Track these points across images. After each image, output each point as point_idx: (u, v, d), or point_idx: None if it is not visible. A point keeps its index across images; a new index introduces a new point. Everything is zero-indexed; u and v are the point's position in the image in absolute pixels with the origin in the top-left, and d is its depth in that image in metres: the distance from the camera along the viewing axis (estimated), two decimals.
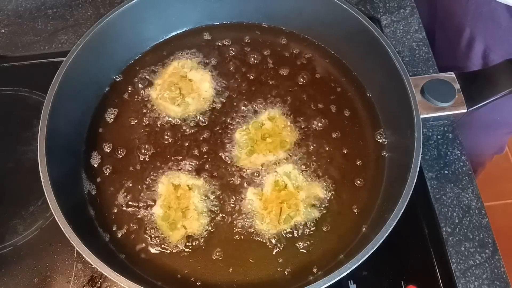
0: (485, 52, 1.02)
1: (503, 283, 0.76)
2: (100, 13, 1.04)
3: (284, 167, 0.79)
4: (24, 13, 1.05)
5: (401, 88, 0.75)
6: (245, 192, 0.79)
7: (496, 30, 0.97)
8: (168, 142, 0.84)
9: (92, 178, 0.81)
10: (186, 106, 0.85)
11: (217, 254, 0.75)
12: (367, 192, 0.79)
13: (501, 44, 0.99)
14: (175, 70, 0.88)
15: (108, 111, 0.86)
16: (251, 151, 0.81)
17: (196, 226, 0.75)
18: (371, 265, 0.69)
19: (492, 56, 1.01)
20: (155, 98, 0.86)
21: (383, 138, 0.83)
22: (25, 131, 0.88)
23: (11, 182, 0.86)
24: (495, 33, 0.98)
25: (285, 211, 0.75)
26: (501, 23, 0.95)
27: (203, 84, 0.87)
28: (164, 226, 0.75)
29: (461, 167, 0.86)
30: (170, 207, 0.76)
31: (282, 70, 0.90)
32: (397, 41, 0.99)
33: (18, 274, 0.77)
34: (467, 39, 1.03)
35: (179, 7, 0.90)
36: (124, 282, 0.63)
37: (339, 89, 0.88)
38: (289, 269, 0.73)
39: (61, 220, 0.66)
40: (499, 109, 1.04)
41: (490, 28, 0.98)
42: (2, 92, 0.93)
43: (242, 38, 0.93)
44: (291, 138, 0.82)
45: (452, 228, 0.80)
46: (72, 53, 0.79)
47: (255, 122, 0.83)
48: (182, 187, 0.77)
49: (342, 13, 0.83)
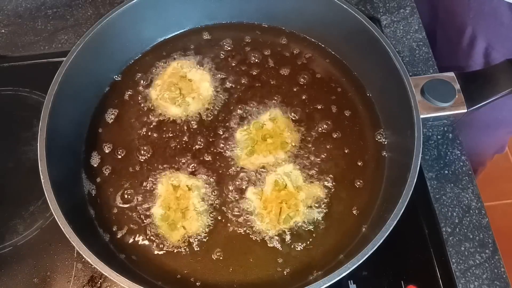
0: (486, 50, 1.02)
1: (503, 283, 0.76)
2: (100, 13, 1.04)
3: (284, 167, 0.79)
4: (24, 13, 1.05)
5: (401, 88, 0.75)
6: (245, 192, 0.79)
7: (498, 28, 0.97)
8: (168, 142, 0.84)
9: (92, 178, 0.81)
10: (186, 106, 0.85)
11: (217, 254, 0.75)
12: (367, 192, 0.79)
13: (503, 42, 0.99)
14: (175, 70, 0.88)
15: (108, 111, 0.86)
16: (252, 151, 0.81)
17: (195, 226, 0.75)
18: (371, 265, 0.69)
19: (494, 54, 1.01)
20: (155, 98, 0.86)
21: (383, 138, 0.83)
22: (25, 131, 0.88)
23: (11, 182, 0.86)
24: (497, 31, 0.98)
25: (285, 211, 0.75)
26: (503, 21, 0.95)
27: (203, 84, 0.87)
28: (163, 227, 0.75)
29: (461, 167, 0.86)
30: (169, 207, 0.76)
31: (282, 70, 0.90)
32: (397, 41, 0.99)
33: (18, 274, 0.77)
34: (468, 38, 1.03)
35: (179, 7, 0.90)
36: (124, 282, 0.63)
37: (339, 89, 0.88)
38: (289, 269, 0.73)
39: (61, 220, 0.66)
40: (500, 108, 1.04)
41: (492, 26, 0.98)
42: (2, 92, 0.93)
43: (242, 38, 0.93)
44: (292, 139, 0.82)
45: (452, 228, 0.80)
46: (72, 53, 0.79)
47: (256, 123, 0.83)
48: (182, 187, 0.77)
49: (342, 13, 0.83)
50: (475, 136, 1.19)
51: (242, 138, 0.82)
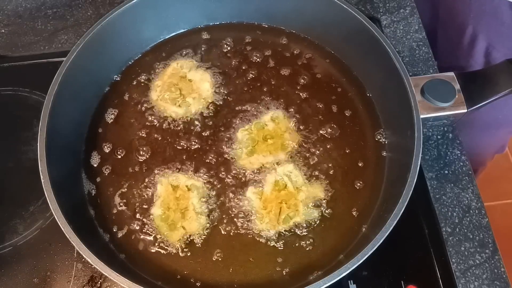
0: (487, 49, 1.02)
1: (503, 283, 0.76)
2: (100, 13, 1.04)
3: (284, 167, 0.79)
4: (24, 13, 1.05)
5: (401, 88, 0.75)
6: (245, 192, 0.79)
7: (499, 27, 0.97)
8: (167, 143, 0.83)
9: (92, 178, 0.81)
10: (187, 106, 0.85)
11: (217, 255, 0.74)
12: (367, 192, 0.79)
13: (503, 41, 0.99)
14: (174, 71, 0.88)
15: (108, 111, 0.86)
16: (252, 151, 0.80)
17: (195, 226, 0.75)
18: (371, 265, 0.69)
19: (494, 54, 1.01)
20: (155, 99, 0.86)
21: (383, 138, 0.83)
22: (25, 131, 0.88)
23: (11, 182, 0.86)
24: (498, 30, 0.98)
25: (285, 211, 0.75)
26: (504, 20, 0.95)
27: (203, 84, 0.87)
28: (163, 227, 0.75)
29: (461, 167, 0.85)
30: (169, 208, 0.76)
31: (282, 70, 0.90)
32: (397, 41, 0.99)
33: (18, 274, 0.77)
34: (469, 37, 1.03)
35: (179, 7, 0.90)
36: (124, 282, 0.63)
37: (339, 89, 0.88)
38: (289, 269, 0.73)
39: (61, 220, 0.66)
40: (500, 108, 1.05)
41: (493, 25, 0.98)
42: (2, 92, 0.93)
43: (242, 38, 0.93)
44: (293, 140, 0.82)
45: (452, 228, 0.80)
46: (72, 53, 0.79)
47: (257, 123, 0.83)
48: (181, 187, 0.77)
49: (342, 13, 0.83)
50: (475, 136, 1.19)
51: (243, 138, 0.82)
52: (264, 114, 0.85)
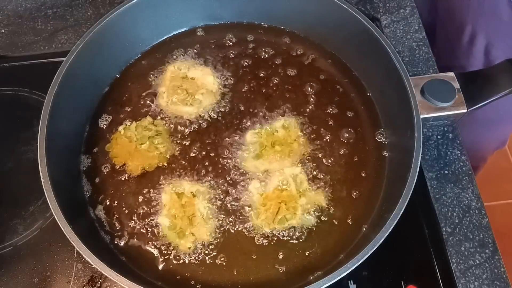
0: (487, 48, 1.02)
1: (503, 283, 0.76)
2: (100, 13, 1.04)
3: (292, 168, 0.79)
4: (24, 13, 1.05)
5: (401, 88, 0.75)
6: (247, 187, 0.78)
7: (498, 25, 0.97)
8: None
9: (92, 178, 0.81)
10: (198, 103, 0.84)
11: (221, 259, 0.74)
12: (367, 192, 0.79)
13: (503, 39, 0.99)
14: (174, 73, 0.87)
15: (108, 111, 0.86)
16: (258, 156, 0.80)
17: (204, 231, 0.75)
18: (371, 265, 0.69)
19: (494, 52, 1.01)
20: (165, 105, 0.85)
21: (384, 138, 0.83)
22: (25, 131, 0.88)
23: (11, 182, 0.86)
24: (497, 28, 0.98)
25: (282, 211, 0.74)
26: (503, 18, 0.95)
27: (206, 78, 0.86)
28: (172, 236, 0.74)
29: (461, 167, 0.85)
30: (175, 216, 0.75)
31: (283, 70, 0.89)
32: (397, 41, 0.99)
33: (18, 274, 0.77)
34: (469, 35, 1.03)
35: (179, 7, 0.90)
36: (124, 282, 0.63)
37: (341, 90, 0.88)
38: (289, 269, 0.73)
39: (61, 220, 0.66)
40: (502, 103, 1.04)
41: (492, 23, 0.98)
42: (2, 92, 0.93)
43: (243, 38, 0.93)
44: (301, 150, 0.81)
45: (452, 228, 0.80)
46: (72, 53, 0.79)
47: (268, 129, 0.82)
48: (186, 194, 0.76)
49: (342, 13, 0.83)
50: (476, 131, 1.19)
51: (252, 141, 0.82)
52: (275, 117, 0.84)
